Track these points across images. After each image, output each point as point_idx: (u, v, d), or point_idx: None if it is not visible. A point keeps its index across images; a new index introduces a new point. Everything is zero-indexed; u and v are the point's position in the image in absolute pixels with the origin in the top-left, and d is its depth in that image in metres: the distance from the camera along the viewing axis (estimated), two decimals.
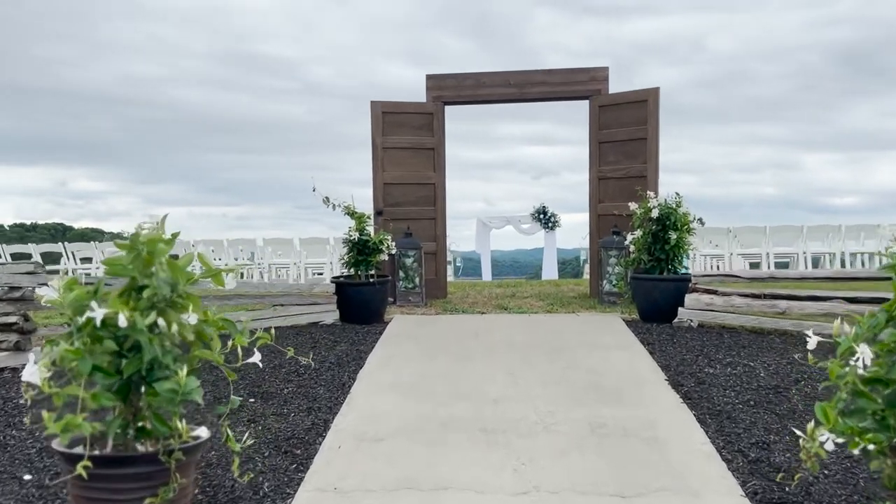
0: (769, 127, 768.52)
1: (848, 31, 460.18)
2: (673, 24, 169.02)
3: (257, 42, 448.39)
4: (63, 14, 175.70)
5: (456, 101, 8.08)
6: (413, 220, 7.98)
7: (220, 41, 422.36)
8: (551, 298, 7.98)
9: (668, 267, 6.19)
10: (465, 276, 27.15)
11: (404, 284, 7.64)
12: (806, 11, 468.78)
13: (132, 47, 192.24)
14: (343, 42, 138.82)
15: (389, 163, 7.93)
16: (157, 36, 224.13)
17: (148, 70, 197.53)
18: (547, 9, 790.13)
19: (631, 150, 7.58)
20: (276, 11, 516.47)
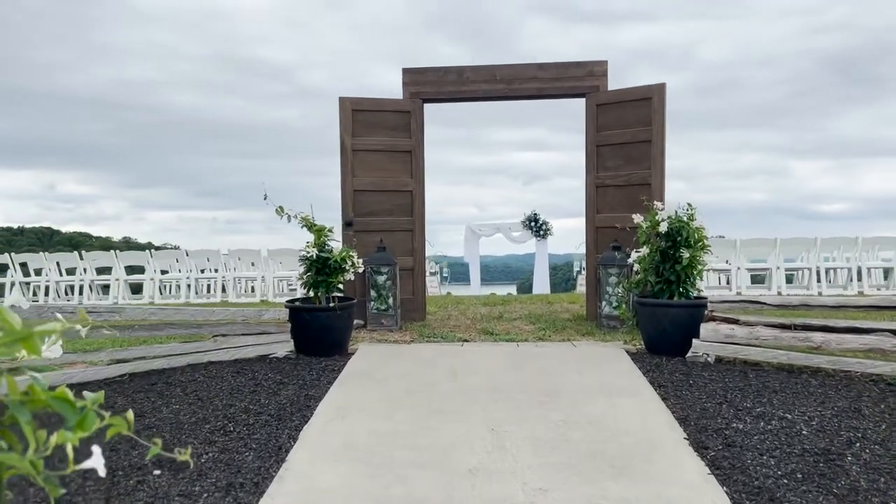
0: (760, 133, 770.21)
1: (839, 39, 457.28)
2: (665, 30, 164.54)
3: (251, 46, 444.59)
4: (60, 17, 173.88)
5: (437, 97, 7.18)
6: (387, 231, 7.06)
7: (214, 45, 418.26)
8: (543, 321, 7.07)
9: (679, 290, 5.30)
10: (454, 282, 26.24)
11: (376, 306, 6.71)
12: (798, 19, 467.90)
13: (127, 51, 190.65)
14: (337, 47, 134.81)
15: (361, 167, 7.02)
16: (152, 39, 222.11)
17: (142, 74, 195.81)
18: (539, 15, 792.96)
19: (633, 153, 6.70)
20: (270, 16, 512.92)
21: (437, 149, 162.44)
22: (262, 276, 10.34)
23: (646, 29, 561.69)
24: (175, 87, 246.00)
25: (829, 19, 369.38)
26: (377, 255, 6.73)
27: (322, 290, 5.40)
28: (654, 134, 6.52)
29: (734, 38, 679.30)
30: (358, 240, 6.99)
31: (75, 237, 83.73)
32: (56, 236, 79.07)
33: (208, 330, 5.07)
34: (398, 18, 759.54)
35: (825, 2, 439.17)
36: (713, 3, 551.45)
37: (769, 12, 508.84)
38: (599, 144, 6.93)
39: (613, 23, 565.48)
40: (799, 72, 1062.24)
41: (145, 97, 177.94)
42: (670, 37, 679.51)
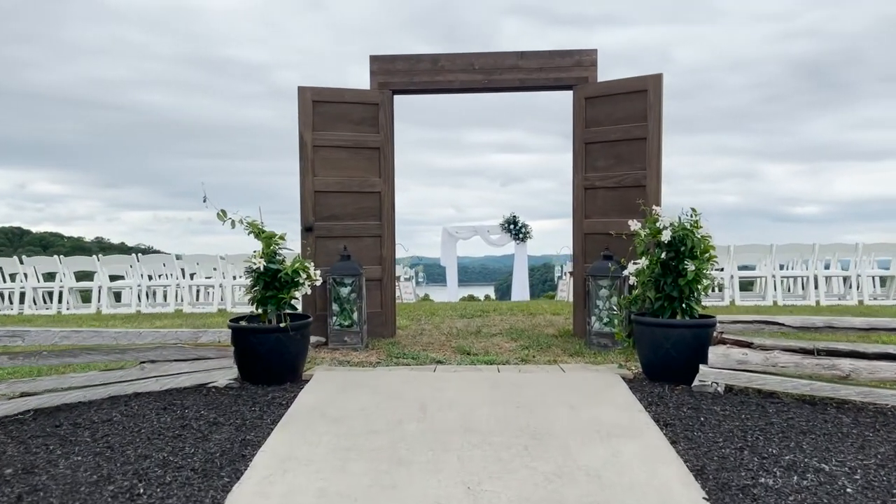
0: (732, 137, 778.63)
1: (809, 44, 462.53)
2: (638, 35, 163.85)
3: (224, 46, 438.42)
4: (28, 14, 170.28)
5: (407, 88, 6.45)
6: (352, 237, 6.32)
7: (186, 44, 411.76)
8: (526, 337, 6.38)
9: (682, 307, 4.63)
10: (432, 283, 25.37)
11: (339, 321, 5.97)
12: (769, 24, 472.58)
13: (96, 49, 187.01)
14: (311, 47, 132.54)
15: (322, 166, 6.27)
16: (123, 38, 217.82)
17: (112, 73, 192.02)
18: (515, 18, 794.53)
19: (626, 152, 6.03)
20: (244, 15, 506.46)
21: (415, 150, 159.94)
22: (219, 284, 9.53)
23: (620, 33, 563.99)
24: (147, 86, 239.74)
25: (799, 25, 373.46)
26: (340, 264, 5.99)
27: (272, 307, 4.64)
28: (649, 130, 5.86)
29: (707, 43, 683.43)
30: (319, 247, 6.24)
31: (46, 237, 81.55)
32: (26, 236, 76.98)
33: (133, 356, 4.29)
34: (373, 19, 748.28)
35: (796, 8, 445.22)
36: (686, 8, 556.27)
37: (741, 17, 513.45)
38: (588, 142, 6.26)
39: (589, 26, 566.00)
40: (770, 76, 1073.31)
41: (117, 96, 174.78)
42: (644, 41, 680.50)
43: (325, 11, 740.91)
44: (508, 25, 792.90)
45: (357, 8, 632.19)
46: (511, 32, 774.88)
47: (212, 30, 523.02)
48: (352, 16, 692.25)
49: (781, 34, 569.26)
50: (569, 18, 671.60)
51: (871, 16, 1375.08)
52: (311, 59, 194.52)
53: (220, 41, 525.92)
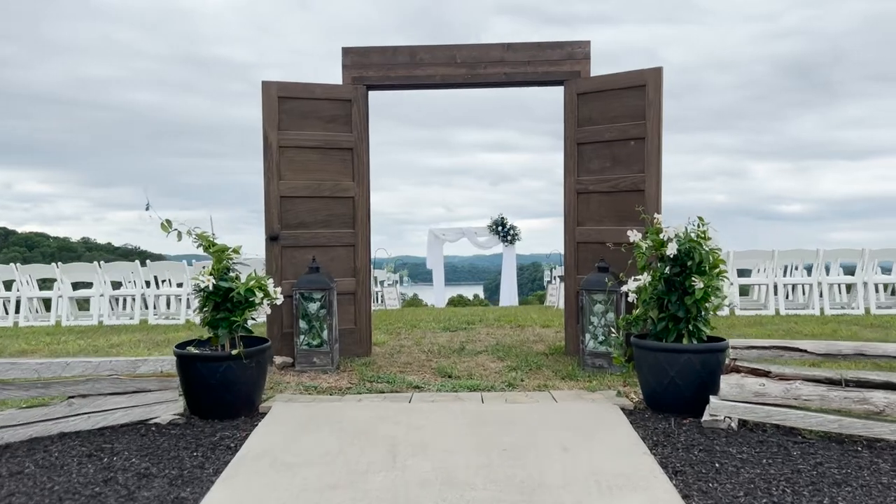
0: (720, 136, 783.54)
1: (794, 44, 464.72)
2: (627, 34, 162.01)
3: (213, 45, 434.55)
4: (11, 13, 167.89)
5: (384, 83, 5.89)
6: (322, 247, 5.76)
7: (173, 43, 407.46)
8: (513, 356, 5.83)
9: (688, 329, 4.10)
10: (420, 282, 24.82)
11: (307, 340, 5.40)
12: (755, 25, 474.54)
13: (82, 48, 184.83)
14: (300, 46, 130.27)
15: (289, 168, 5.70)
16: (109, 37, 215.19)
17: (99, 71, 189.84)
18: (504, 18, 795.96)
19: (622, 153, 5.50)
20: (232, 14, 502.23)
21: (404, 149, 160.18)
22: (187, 294, 8.92)
23: (610, 32, 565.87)
24: (134, 85, 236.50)
25: (785, 25, 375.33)
26: (308, 277, 5.42)
27: (223, 330, 4.07)
28: (648, 129, 5.34)
29: (695, 43, 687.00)
30: (286, 258, 5.67)
31: (32, 238, 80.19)
32: (11, 237, 75.81)
33: (60, 390, 3.71)
34: (360, 19, 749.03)
35: (781, 8, 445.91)
36: (675, 7, 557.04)
37: (728, 17, 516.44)
38: (581, 142, 5.72)
39: (578, 26, 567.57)
40: (756, 76, 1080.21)
41: (104, 95, 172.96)
42: (633, 40, 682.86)
43: (312, 11, 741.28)
44: (498, 25, 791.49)
45: (345, 7, 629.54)
46: (500, 32, 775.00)
47: (199, 29, 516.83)
48: (340, 15, 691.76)
49: (767, 34, 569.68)
50: (558, 18, 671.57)
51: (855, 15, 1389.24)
52: (299, 58, 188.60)
53: (208, 40, 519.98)
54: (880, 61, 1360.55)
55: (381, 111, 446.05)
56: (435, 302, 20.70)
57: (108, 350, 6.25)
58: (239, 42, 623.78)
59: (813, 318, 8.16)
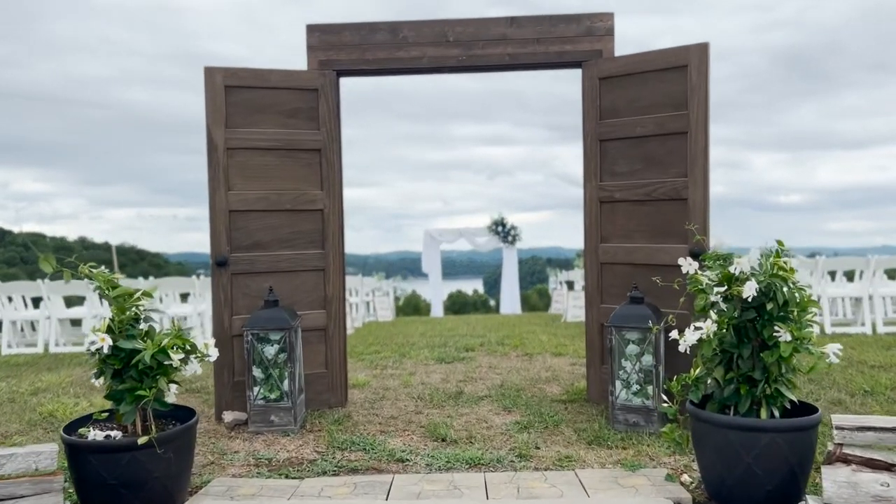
0: (717, 127, 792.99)
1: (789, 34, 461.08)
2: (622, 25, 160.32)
3: (207, 41, 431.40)
4: (5, 12, 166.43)
5: (358, 68, 4.76)
6: (283, 273, 4.64)
7: (168, 40, 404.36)
8: (522, 403, 4.71)
9: (767, 395, 2.99)
10: (420, 277, 23.80)
11: (263, 393, 4.28)
12: (750, 15, 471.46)
13: (77, 47, 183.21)
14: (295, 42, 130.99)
15: (241, 175, 4.57)
16: (103, 35, 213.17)
17: (94, 70, 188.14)
18: (500, 9, 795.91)
19: (658, 152, 4.38)
20: (227, 11, 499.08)
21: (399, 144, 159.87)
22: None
23: None
24: (129, 83, 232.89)
25: (779, 16, 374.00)
26: (263, 313, 4.30)
27: (128, 406, 2.95)
28: (691, 122, 4.21)
29: (690, 34, 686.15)
30: (237, 287, 4.55)
31: (29, 237, 79.03)
32: (8, 237, 74.93)
33: None
34: (361, 16, 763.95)
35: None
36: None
37: (724, 8, 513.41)
38: (605, 138, 4.60)
39: None
40: (752, 67, 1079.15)
41: (99, 94, 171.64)
42: (627, 31, 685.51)
43: (305, 5, 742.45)
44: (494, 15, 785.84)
45: (338, 3, 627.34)
46: None
47: (192, 26, 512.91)
48: (333, 11, 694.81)
49: (763, 25, 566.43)
50: (552, 9, 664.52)
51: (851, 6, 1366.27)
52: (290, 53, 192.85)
53: (201, 37, 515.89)
54: (877, 51, 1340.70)
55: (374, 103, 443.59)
56: (432, 299, 19.62)
57: (26, 399, 5.12)
58: (229, 38, 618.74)
59: (868, 340, 7.03)
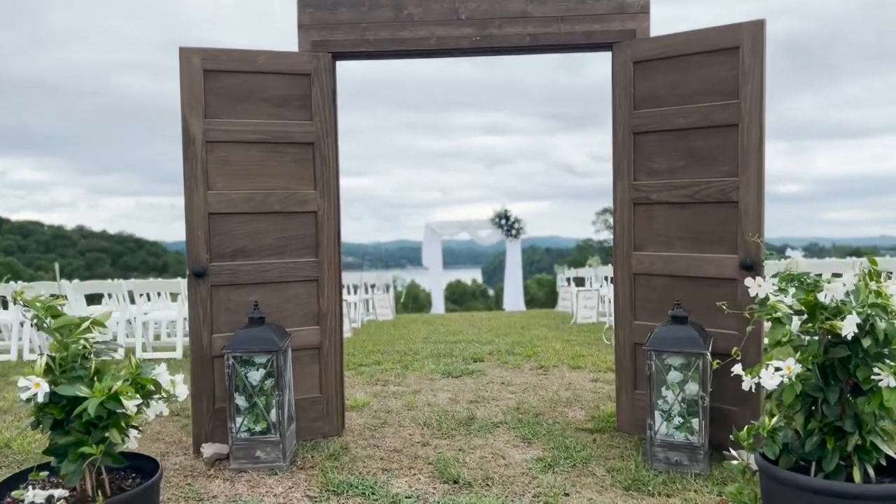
0: None
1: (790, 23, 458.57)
2: None
3: (206, 30, 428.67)
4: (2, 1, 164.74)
5: (357, 50, 4.17)
6: (272, 284, 4.06)
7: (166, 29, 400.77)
8: (543, 433, 4.15)
9: (859, 450, 2.43)
10: (420, 266, 23.31)
11: (247, 425, 3.72)
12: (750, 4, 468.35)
13: (75, 35, 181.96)
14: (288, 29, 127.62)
15: (222, 172, 3.99)
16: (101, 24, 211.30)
17: (92, 58, 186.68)
18: None
19: (703, 147, 3.80)
20: None
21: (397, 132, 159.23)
22: (128, 320, 7.21)
23: None
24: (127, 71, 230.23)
25: (780, 4, 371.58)
26: (247, 333, 3.72)
27: (72, 465, 2.38)
28: (743, 112, 3.63)
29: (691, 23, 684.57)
30: (217, 302, 3.97)
31: (26, 226, 78.41)
32: (5, 225, 74.38)
33: None
34: None
35: None
36: None
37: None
38: (640, 131, 4.01)
39: None
40: None
41: (97, 82, 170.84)
42: None
43: None
44: None
45: None
46: None
47: (191, 15, 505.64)
48: None
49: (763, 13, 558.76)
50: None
51: None
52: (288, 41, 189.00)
53: (199, 26, 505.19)
54: (877, 40, 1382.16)
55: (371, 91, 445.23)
56: (433, 293, 19.10)
57: None
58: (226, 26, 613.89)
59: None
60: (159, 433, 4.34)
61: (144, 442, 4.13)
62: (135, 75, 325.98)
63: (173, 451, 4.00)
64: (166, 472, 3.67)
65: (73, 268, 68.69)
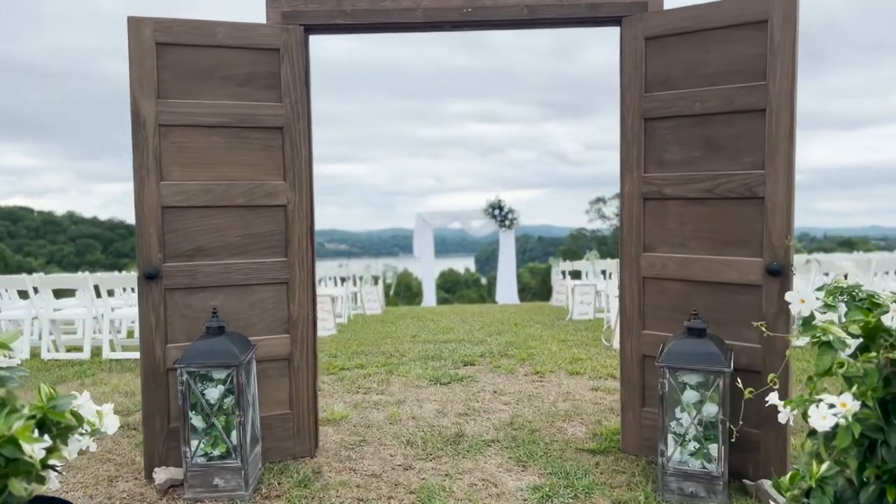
0: None
1: None
2: None
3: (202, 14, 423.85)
4: None
5: (333, 23, 3.69)
6: (235, 287, 3.60)
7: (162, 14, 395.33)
8: (540, 455, 3.71)
9: None
10: (409, 254, 22.90)
11: (204, 448, 3.27)
12: None
13: (66, 19, 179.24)
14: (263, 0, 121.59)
15: (178, 160, 3.51)
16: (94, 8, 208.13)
17: (82, 42, 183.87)
18: None
19: (724, 135, 3.35)
20: None
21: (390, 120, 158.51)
22: (85, 318, 6.72)
23: None
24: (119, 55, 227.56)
25: None
26: (203, 344, 3.27)
27: None
28: (772, 95, 3.17)
29: None
30: (172, 307, 3.51)
31: (16, 212, 77.47)
32: None
33: None
34: None
35: None
36: None
37: None
38: (652, 116, 3.56)
39: None
40: None
41: (89, 66, 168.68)
42: None
43: None
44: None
45: None
46: None
47: None
48: None
49: None
50: None
51: None
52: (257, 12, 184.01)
53: (195, 9, 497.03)
54: (872, 31, 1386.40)
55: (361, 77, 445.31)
56: (424, 285, 18.67)
57: None
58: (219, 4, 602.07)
59: None
60: (111, 451, 3.88)
61: (92, 463, 3.68)
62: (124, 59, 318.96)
63: (123, 474, 3.55)
64: (112, 500, 3.22)
65: (63, 254, 67.74)
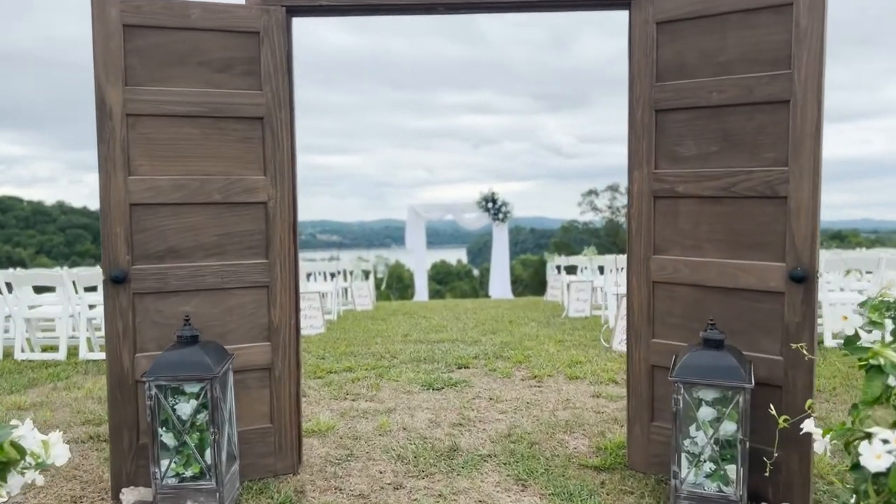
0: None
1: None
2: None
3: None
4: None
5: (318, 4, 3.39)
6: (210, 291, 3.32)
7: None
8: (541, 473, 3.44)
9: None
10: (401, 246, 22.73)
11: (176, 469, 3.00)
12: None
13: (58, 7, 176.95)
14: None
15: (148, 152, 3.22)
16: None
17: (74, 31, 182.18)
18: None
19: (743, 128, 3.08)
20: None
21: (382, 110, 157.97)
22: (64, 316, 6.42)
23: None
24: None
25: None
26: (174, 354, 2.99)
27: None
28: (797, 85, 2.91)
29: None
30: (141, 313, 3.23)
31: (4, 201, 76.57)
32: None
33: None
34: None
35: None
36: None
37: None
38: (663, 108, 3.28)
39: None
40: None
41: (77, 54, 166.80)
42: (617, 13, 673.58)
43: None
44: None
45: None
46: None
47: None
48: None
49: None
50: None
51: None
52: None
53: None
54: (862, 25, 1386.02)
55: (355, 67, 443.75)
56: (416, 278, 18.42)
57: None
58: None
59: None
60: (78, 467, 3.60)
61: (56, 481, 3.40)
62: None
63: (89, 494, 3.27)
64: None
65: (53, 244, 67.07)
